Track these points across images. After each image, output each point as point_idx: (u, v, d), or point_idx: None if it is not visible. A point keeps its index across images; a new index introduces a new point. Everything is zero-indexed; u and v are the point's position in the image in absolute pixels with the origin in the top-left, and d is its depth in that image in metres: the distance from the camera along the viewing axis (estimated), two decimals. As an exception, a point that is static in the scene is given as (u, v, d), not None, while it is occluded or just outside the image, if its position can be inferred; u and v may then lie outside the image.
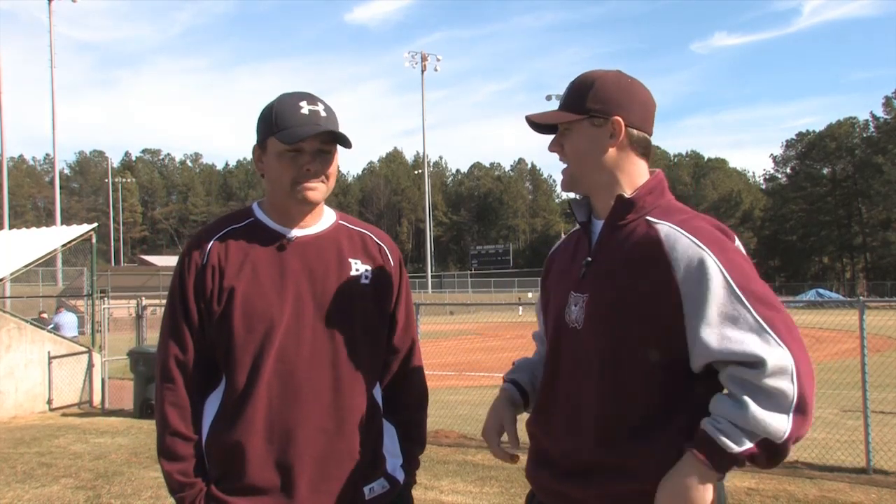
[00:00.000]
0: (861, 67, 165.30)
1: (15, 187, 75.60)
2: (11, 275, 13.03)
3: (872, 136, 79.68)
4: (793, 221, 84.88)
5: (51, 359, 10.80)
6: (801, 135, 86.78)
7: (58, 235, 13.81)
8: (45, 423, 9.61)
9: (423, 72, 67.61)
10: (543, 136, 1.76)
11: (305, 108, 1.79)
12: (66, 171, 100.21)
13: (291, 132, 1.75)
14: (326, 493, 1.77)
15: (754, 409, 1.39)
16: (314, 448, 1.76)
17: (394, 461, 1.92)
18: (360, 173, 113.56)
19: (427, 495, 5.56)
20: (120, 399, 10.84)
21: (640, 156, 1.67)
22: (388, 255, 1.97)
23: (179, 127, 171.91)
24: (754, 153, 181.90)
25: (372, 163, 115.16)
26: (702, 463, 1.42)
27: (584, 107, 1.65)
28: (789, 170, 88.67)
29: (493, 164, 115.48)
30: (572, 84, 1.70)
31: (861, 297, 6.72)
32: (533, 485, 1.77)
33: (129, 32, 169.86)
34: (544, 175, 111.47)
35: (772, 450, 1.40)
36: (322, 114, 1.80)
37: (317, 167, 1.80)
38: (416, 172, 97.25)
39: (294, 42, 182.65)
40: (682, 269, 1.48)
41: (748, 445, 1.39)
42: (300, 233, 1.87)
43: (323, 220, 1.92)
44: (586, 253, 1.69)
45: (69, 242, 13.15)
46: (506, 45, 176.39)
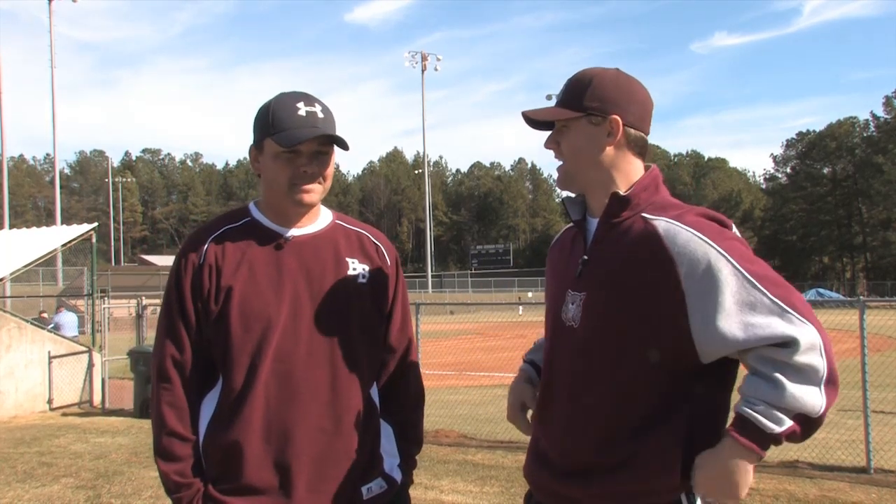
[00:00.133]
0: (861, 67, 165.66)
1: (15, 187, 75.59)
2: (11, 274, 13.05)
3: (872, 135, 79.62)
4: (793, 221, 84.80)
5: (51, 358, 10.80)
6: (802, 134, 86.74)
7: (58, 235, 13.84)
8: (46, 423, 9.61)
9: (423, 72, 67.69)
10: (542, 134, 1.74)
11: (303, 110, 1.77)
12: (67, 171, 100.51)
13: (289, 134, 1.74)
14: (324, 493, 1.76)
15: (791, 387, 1.40)
16: (312, 448, 1.75)
17: (391, 461, 1.92)
18: (361, 173, 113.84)
19: (427, 495, 5.56)
20: (120, 399, 10.85)
21: (636, 155, 1.67)
22: (385, 254, 1.96)
23: (179, 127, 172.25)
24: (754, 153, 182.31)
25: (372, 162, 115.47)
26: (744, 447, 1.43)
27: (581, 105, 1.63)
28: (789, 169, 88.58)
29: (493, 164, 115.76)
30: (570, 81, 1.69)
31: (861, 297, 6.72)
32: (532, 484, 1.76)
33: (129, 32, 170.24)
34: (544, 175, 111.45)
35: (809, 424, 1.42)
36: (319, 115, 1.79)
37: (314, 169, 1.79)
38: (416, 172, 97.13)
39: (294, 42, 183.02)
40: (685, 263, 1.47)
41: (788, 424, 1.41)
42: (297, 232, 1.86)
43: (320, 219, 1.91)
44: (582, 251, 1.67)
45: (69, 242, 13.17)
46: (506, 45, 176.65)
